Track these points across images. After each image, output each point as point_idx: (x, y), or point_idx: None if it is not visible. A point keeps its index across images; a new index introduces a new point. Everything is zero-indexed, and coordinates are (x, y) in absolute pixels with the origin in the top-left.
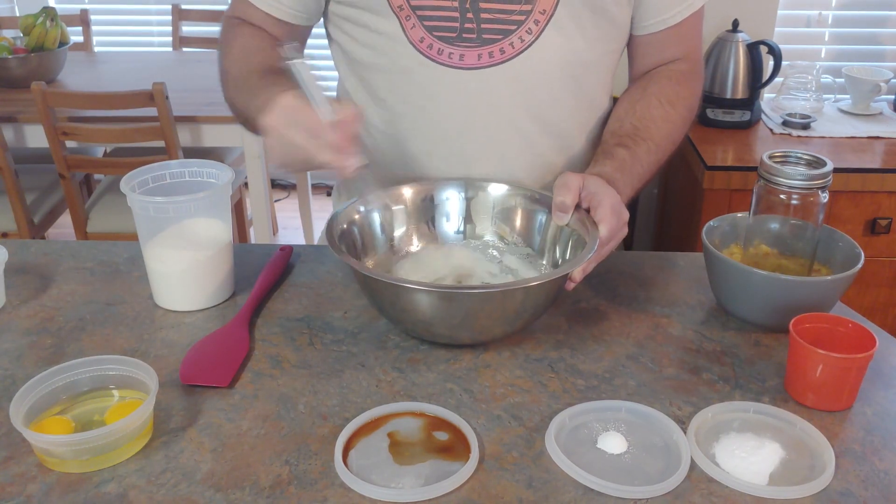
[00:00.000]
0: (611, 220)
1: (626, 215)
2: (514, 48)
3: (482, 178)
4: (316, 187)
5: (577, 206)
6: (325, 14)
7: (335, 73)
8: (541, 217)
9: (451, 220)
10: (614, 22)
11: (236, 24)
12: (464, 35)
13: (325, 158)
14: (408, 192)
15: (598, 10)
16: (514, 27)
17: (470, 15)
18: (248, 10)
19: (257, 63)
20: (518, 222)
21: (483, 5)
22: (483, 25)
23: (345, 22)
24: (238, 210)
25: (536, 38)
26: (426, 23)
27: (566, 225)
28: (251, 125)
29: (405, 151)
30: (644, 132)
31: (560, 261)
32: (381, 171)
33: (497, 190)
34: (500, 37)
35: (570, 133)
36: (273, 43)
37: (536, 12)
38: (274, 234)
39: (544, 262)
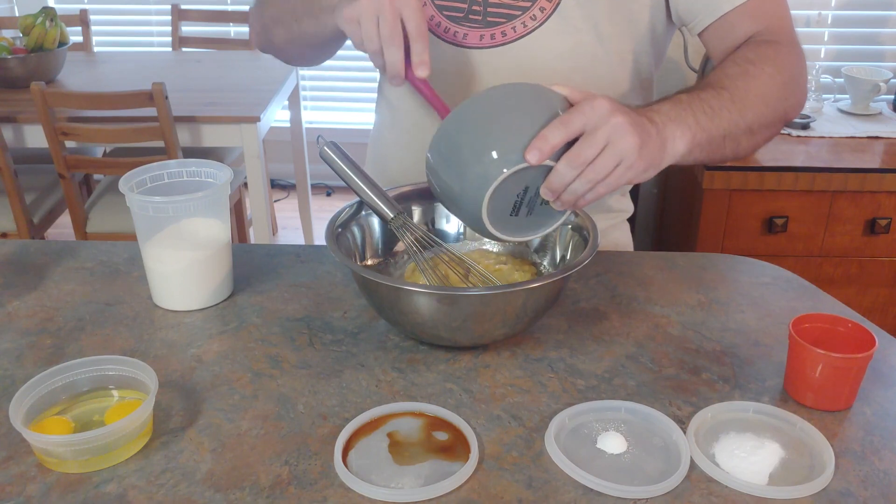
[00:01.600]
0: (572, 118)
1: (608, 107)
2: (515, 32)
3: None
4: (315, 187)
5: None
6: None
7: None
8: None
9: (451, 220)
10: (633, 21)
11: None
12: (470, 16)
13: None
14: (408, 192)
15: (617, 5)
16: (518, 12)
17: None
18: None
19: None
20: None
21: None
22: (489, 8)
23: None
24: (238, 210)
25: (540, 25)
26: (437, 2)
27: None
28: (315, 18)
29: (409, 124)
30: (715, 84)
31: (559, 261)
32: (392, 142)
33: None
34: (503, 20)
35: None
36: None
37: (544, 0)
38: (274, 234)
39: (545, 263)
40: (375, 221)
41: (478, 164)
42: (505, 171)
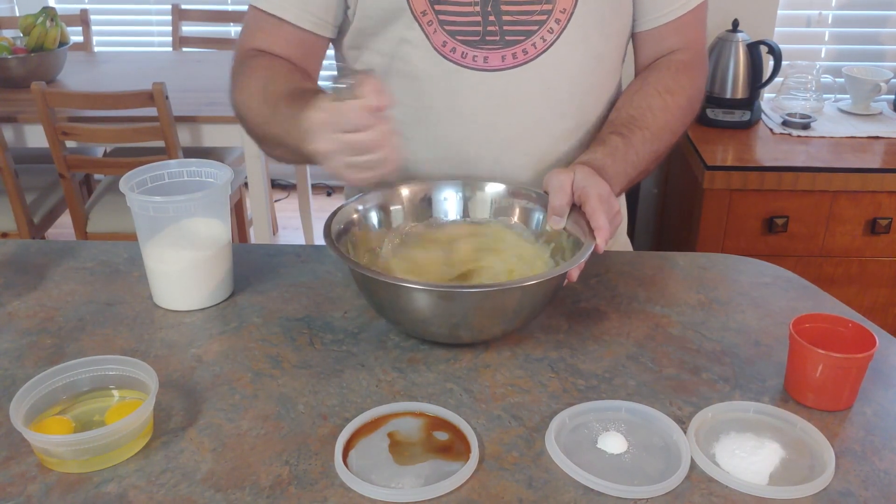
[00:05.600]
0: (601, 218)
1: (615, 205)
2: (536, 48)
3: (482, 177)
4: (316, 187)
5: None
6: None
7: None
8: (538, 216)
9: (447, 216)
10: (627, 14)
11: (253, 56)
12: (487, 38)
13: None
14: (405, 191)
15: (617, 5)
16: (535, 27)
17: (492, 18)
18: (266, 34)
19: (282, 88)
20: (515, 221)
21: (504, 7)
22: (505, 27)
23: (362, 36)
24: (238, 210)
25: (558, 37)
26: (447, 27)
27: (563, 229)
28: (293, 150)
29: (432, 154)
30: (640, 121)
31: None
32: (408, 172)
33: (494, 189)
34: (522, 38)
35: (591, 125)
36: (291, 68)
37: (557, 11)
38: (274, 234)
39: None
40: (373, 219)
41: None
42: None
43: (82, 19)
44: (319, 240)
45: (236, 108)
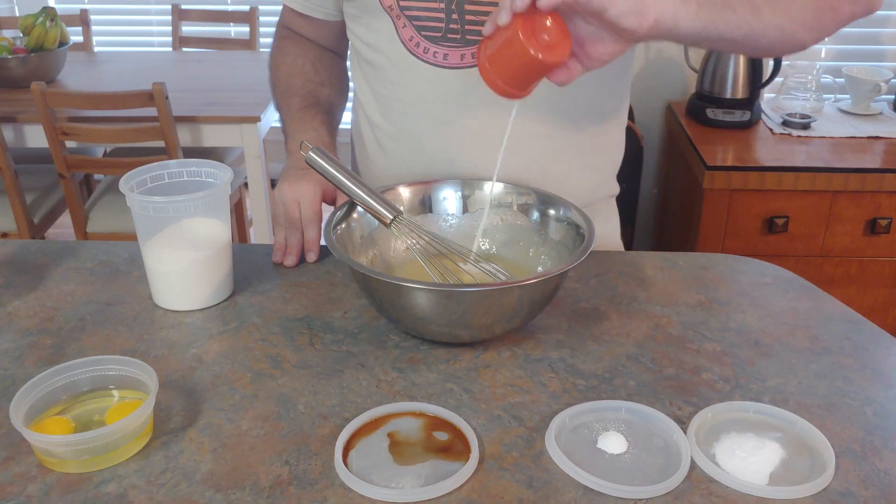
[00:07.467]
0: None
1: None
2: None
3: (475, 176)
4: None
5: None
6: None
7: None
8: (535, 213)
9: (448, 221)
10: None
11: (285, 37)
12: (448, 35)
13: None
14: (405, 191)
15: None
16: None
17: (455, 16)
18: (288, 15)
19: (298, 86)
20: (513, 218)
21: (468, 7)
22: (467, 26)
23: (351, 20)
24: (238, 210)
25: None
26: (415, 23)
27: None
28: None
29: (400, 145)
30: None
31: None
32: (384, 164)
33: (494, 188)
34: (482, 38)
35: (557, 135)
36: (314, 61)
37: None
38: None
39: (542, 258)
40: (373, 219)
41: None
42: None
43: (82, 19)
44: None
45: (270, 79)
